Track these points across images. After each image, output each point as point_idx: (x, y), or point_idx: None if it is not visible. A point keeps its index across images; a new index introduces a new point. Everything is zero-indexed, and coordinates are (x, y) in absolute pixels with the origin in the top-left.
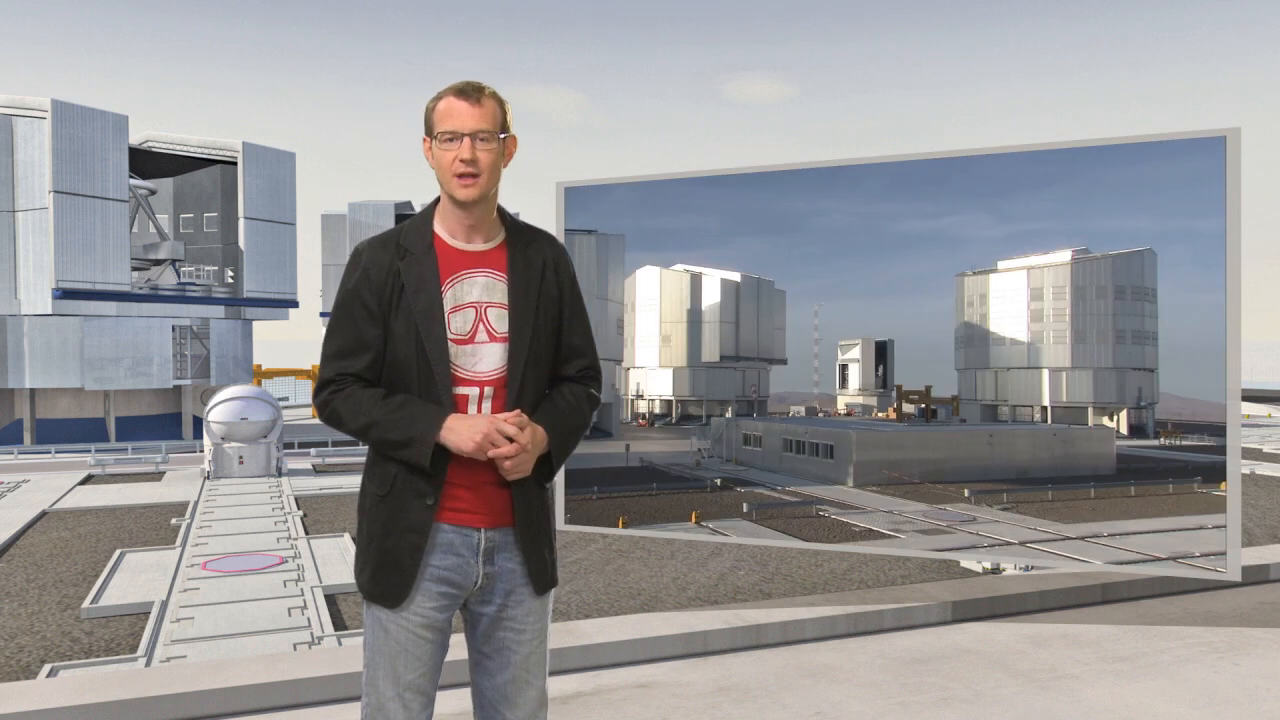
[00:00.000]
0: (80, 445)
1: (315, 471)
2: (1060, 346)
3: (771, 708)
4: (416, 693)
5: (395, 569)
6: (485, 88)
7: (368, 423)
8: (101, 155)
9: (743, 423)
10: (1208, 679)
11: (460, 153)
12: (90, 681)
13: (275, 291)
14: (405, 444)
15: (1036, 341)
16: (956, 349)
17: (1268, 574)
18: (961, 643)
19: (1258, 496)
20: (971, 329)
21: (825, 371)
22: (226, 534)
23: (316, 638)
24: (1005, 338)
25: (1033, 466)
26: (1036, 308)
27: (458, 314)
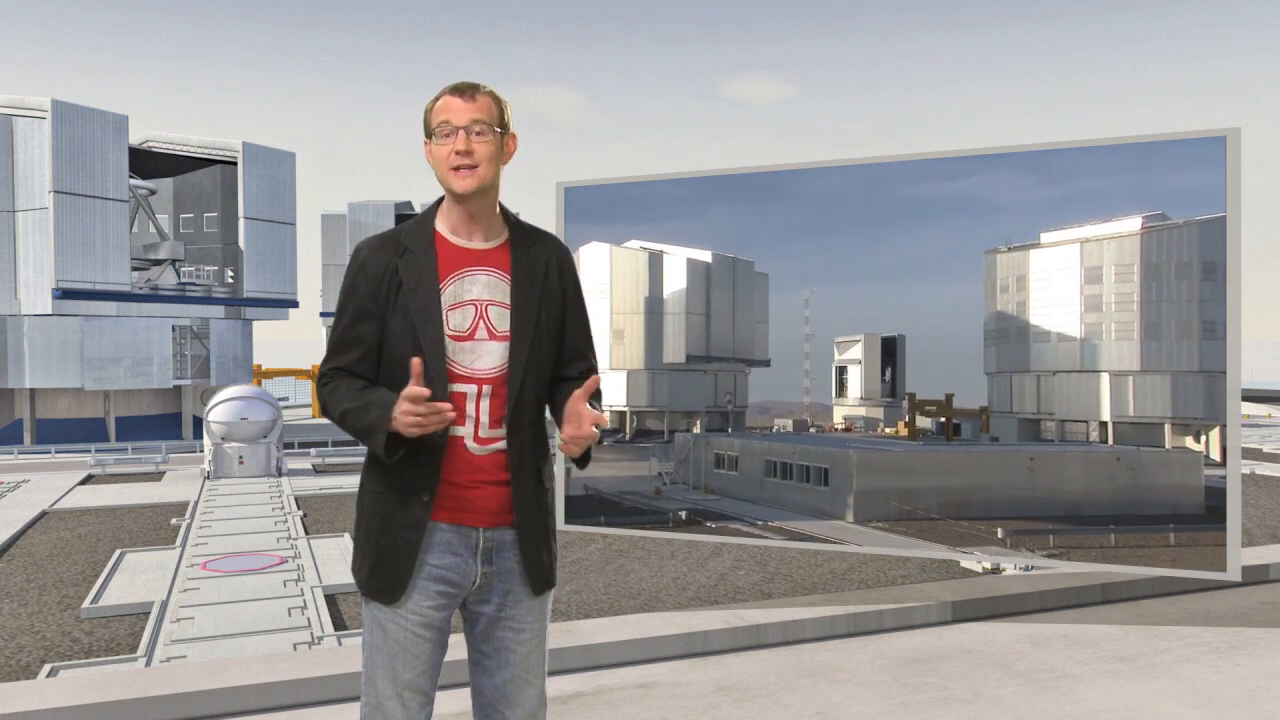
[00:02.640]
0: (80, 445)
1: (315, 471)
2: (1126, 344)
3: (771, 708)
4: (415, 692)
5: (391, 565)
6: (481, 85)
7: (342, 412)
8: (101, 155)
9: (715, 440)
10: (1208, 679)
11: (455, 145)
12: (90, 681)
13: (275, 291)
14: (366, 432)
15: (1093, 337)
16: (986, 347)
17: (1268, 574)
18: (961, 643)
19: (1258, 496)
20: (1006, 321)
21: (818, 375)
22: (226, 534)
23: (316, 638)
24: (1051, 332)
25: (1088, 501)
26: (1094, 293)
27: (457, 311)
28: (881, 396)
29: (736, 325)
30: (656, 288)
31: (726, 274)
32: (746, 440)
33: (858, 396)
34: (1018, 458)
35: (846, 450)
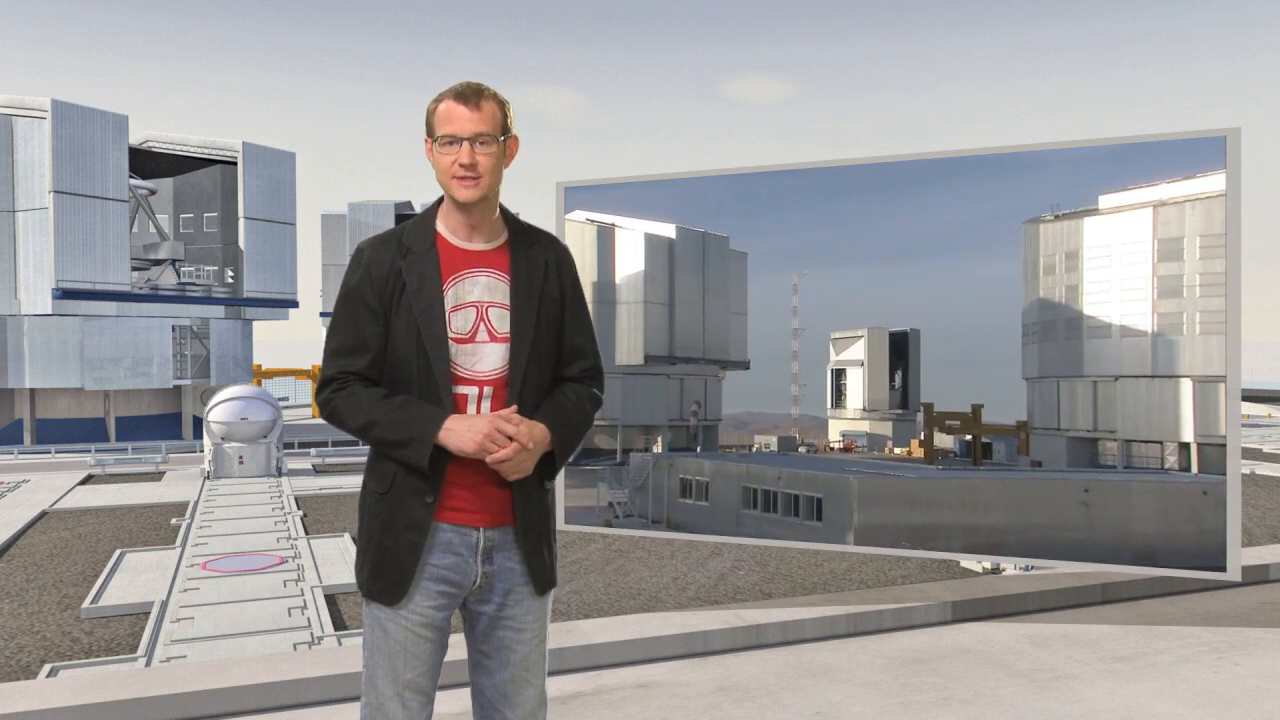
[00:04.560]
0: (80, 445)
1: (315, 471)
2: (1215, 340)
3: (771, 708)
4: (416, 692)
5: (394, 567)
6: (485, 89)
7: (368, 422)
8: (101, 155)
9: (680, 462)
10: (1208, 679)
11: (459, 157)
12: (90, 681)
13: (275, 291)
14: (404, 444)
15: (1171, 332)
16: (1026, 344)
17: (1268, 574)
18: (961, 643)
19: (1258, 496)
20: (1052, 311)
21: (810, 380)
22: (226, 534)
23: (316, 638)
24: (1113, 325)
25: (1164, 545)
26: (1171, 273)
27: (458, 313)
28: (890, 407)
29: (707, 317)
30: (607, 270)
31: (694, 252)
32: (720, 462)
33: (860, 407)
34: (1068, 489)
35: (845, 476)
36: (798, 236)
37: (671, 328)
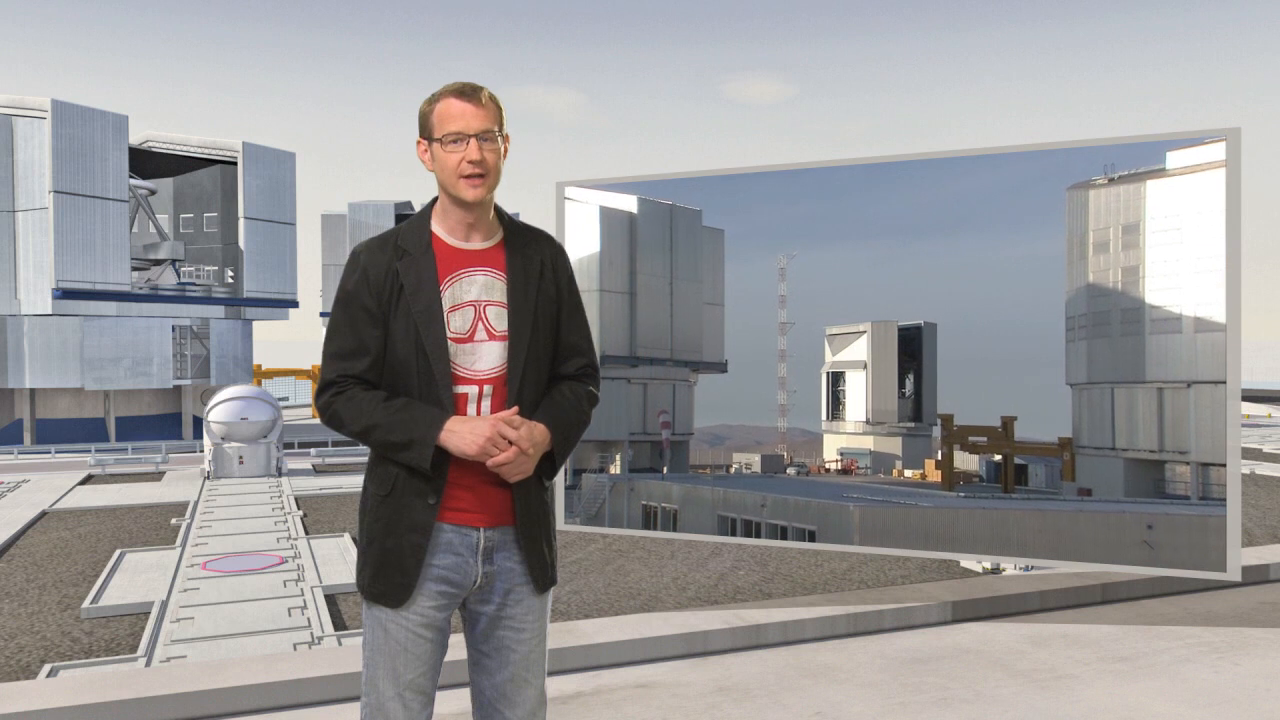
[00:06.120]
0: (80, 445)
1: (315, 471)
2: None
3: (771, 708)
4: (416, 692)
5: (397, 569)
6: (482, 88)
7: (369, 425)
8: (101, 155)
9: (642, 486)
10: (1208, 679)
11: (468, 154)
12: (90, 681)
13: (275, 291)
14: (406, 446)
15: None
16: (1070, 342)
17: (1268, 574)
18: (961, 643)
19: (1258, 496)
20: (1105, 299)
21: (802, 386)
22: (226, 534)
23: (316, 638)
24: (1184, 318)
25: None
26: None
27: (457, 313)
28: (899, 420)
29: (676, 309)
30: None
31: (661, 229)
32: (691, 486)
33: (861, 420)
34: (1126, 524)
35: (844, 504)
36: (784, 210)
37: (633, 322)
